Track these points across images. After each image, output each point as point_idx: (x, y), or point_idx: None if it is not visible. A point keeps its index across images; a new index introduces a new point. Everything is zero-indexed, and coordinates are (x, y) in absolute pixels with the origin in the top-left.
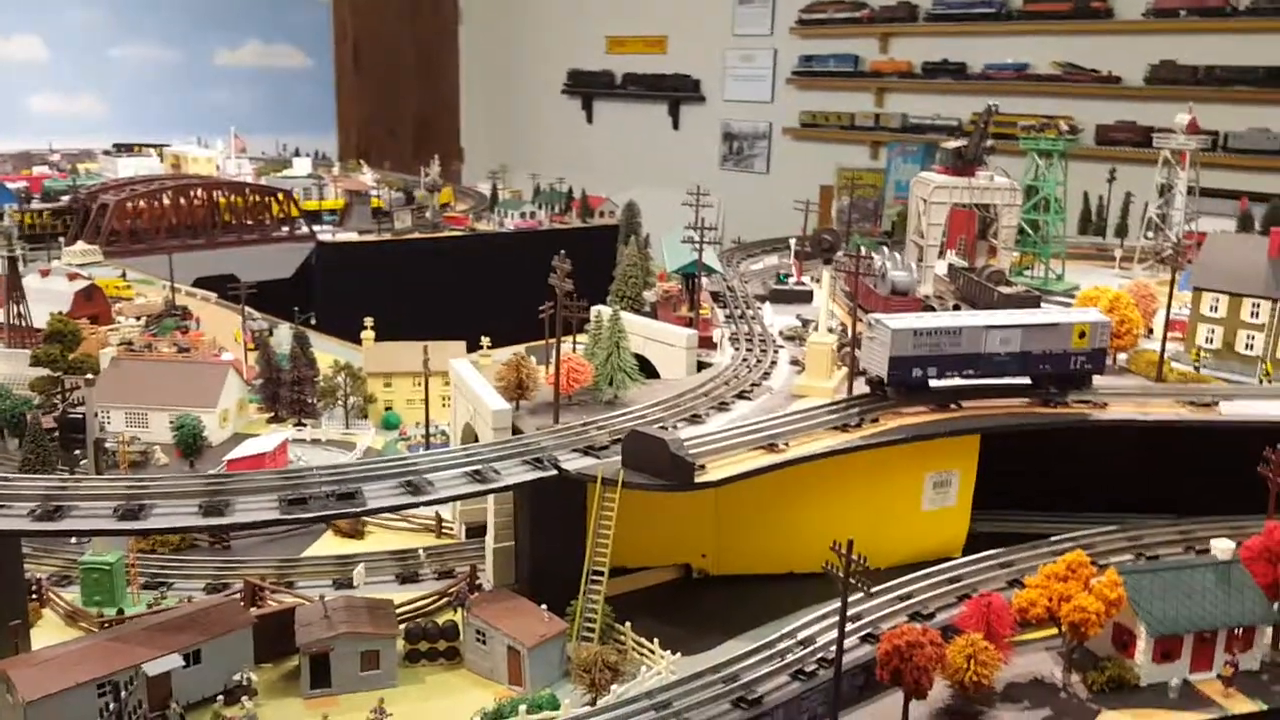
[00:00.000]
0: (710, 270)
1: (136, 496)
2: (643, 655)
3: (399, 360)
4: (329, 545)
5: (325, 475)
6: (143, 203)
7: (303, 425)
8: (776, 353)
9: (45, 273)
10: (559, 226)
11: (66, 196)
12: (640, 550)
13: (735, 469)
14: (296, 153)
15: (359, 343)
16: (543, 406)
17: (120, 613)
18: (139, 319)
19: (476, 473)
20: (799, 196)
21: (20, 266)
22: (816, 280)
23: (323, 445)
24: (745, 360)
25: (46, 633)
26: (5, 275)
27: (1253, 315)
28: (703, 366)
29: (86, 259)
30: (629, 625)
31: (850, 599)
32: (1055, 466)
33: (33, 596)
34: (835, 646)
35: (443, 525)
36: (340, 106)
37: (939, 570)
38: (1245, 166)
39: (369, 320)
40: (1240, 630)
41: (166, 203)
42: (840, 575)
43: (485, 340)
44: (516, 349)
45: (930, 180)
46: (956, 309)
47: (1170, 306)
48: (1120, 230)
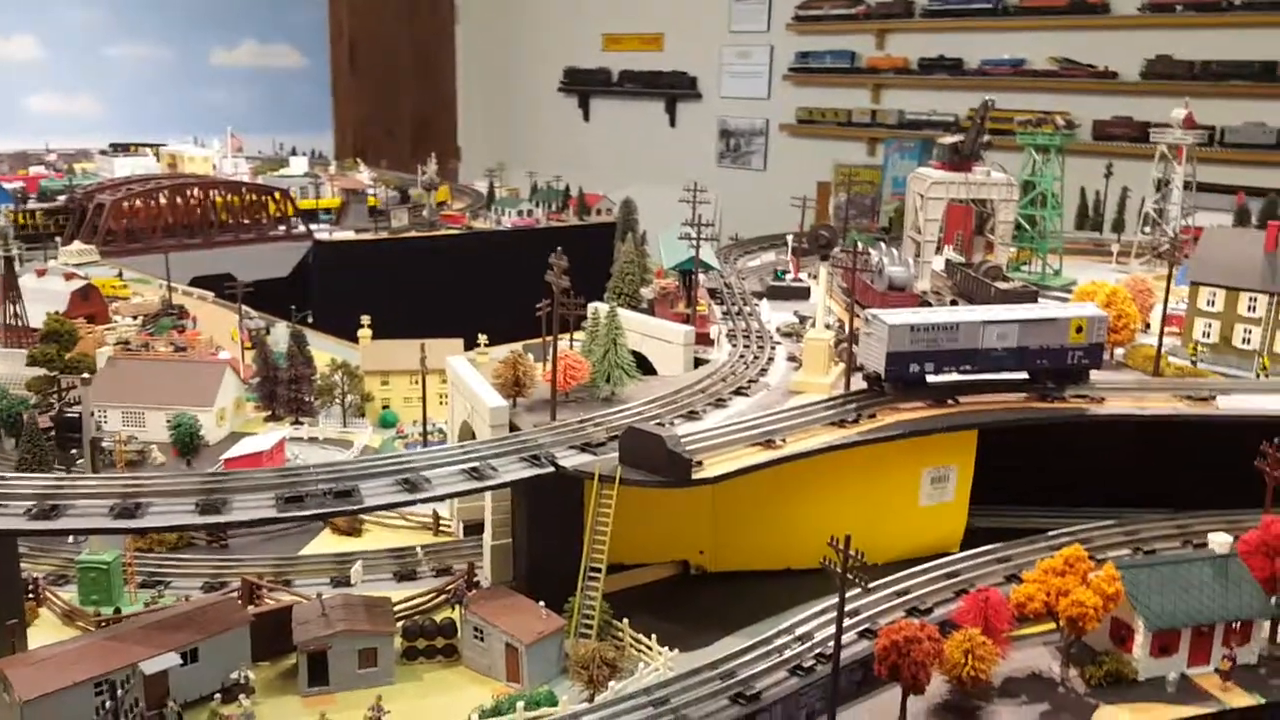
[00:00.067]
0: (707, 267)
1: (133, 495)
2: (640, 652)
3: (396, 358)
4: (326, 543)
5: (322, 473)
6: (139, 202)
7: (300, 424)
8: (774, 349)
9: (42, 272)
10: (556, 224)
11: (63, 196)
12: (638, 547)
13: (732, 465)
14: (293, 152)
15: (356, 341)
16: (540, 404)
17: (117, 612)
18: (136, 318)
19: (474, 470)
20: (796, 193)
21: (16, 266)
22: (814, 277)
23: (320, 444)
24: (742, 357)
25: (43, 632)
26: (1, 275)
27: (1250, 309)
28: (700, 363)
29: (83, 259)
30: (627, 622)
31: (848, 595)
32: (1052, 461)
33: (29, 596)
34: (833, 642)
35: (440, 523)
36: (337, 106)
37: (936, 565)
38: (1242, 161)
39: (366, 318)
40: (1237, 624)
41: (163, 202)
42: (838, 571)
43: (482, 338)
44: (514, 346)
45: (927, 176)
46: (954, 304)
47: (1167, 301)
48: (1117, 225)
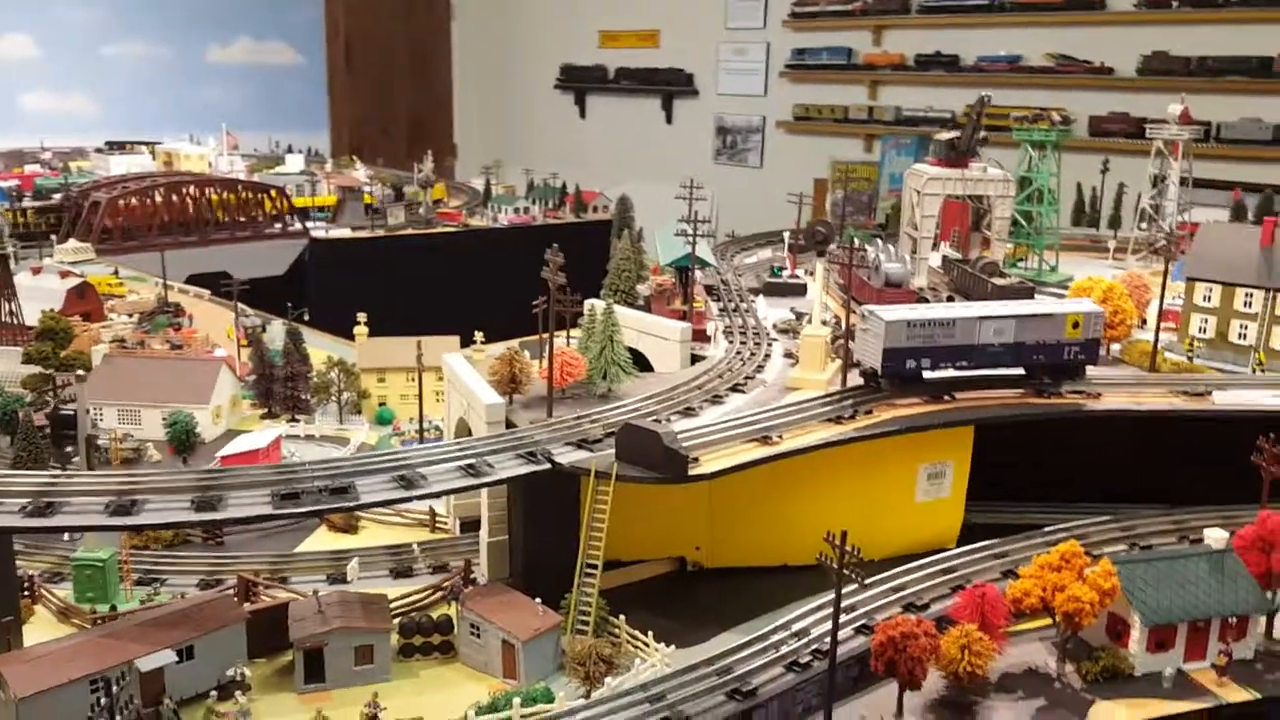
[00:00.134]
0: (704, 263)
1: (128, 492)
2: (637, 648)
3: (392, 356)
4: (323, 540)
5: (318, 470)
6: (135, 200)
7: (296, 421)
8: (770, 345)
9: (37, 270)
10: (552, 222)
11: (59, 194)
12: (634, 543)
13: (729, 461)
14: (289, 150)
15: (352, 339)
16: (536, 400)
17: (113, 609)
18: (131, 316)
19: (470, 467)
20: (793, 190)
21: (12, 264)
22: (810, 273)
23: (316, 441)
24: (739, 353)
25: (39, 629)
26: None
27: (1246, 305)
28: (696, 360)
29: (79, 256)
30: (623, 618)
31: (844, 590)
32: (1049, 457)
33: (25, 593)
34: (830, 638)
35: (437, 520)
36: (333, 104)
37: (933, 561)
38: (1238, 157)
39: (362, 316)
40: (1234, 619)
41: (159, 200)
42: (834, 567)
43: (479, 335)
44: (510, 344)
45: (924, 172)
46: (950, 300)
47: (1163, 297)
48: (1113, 221)
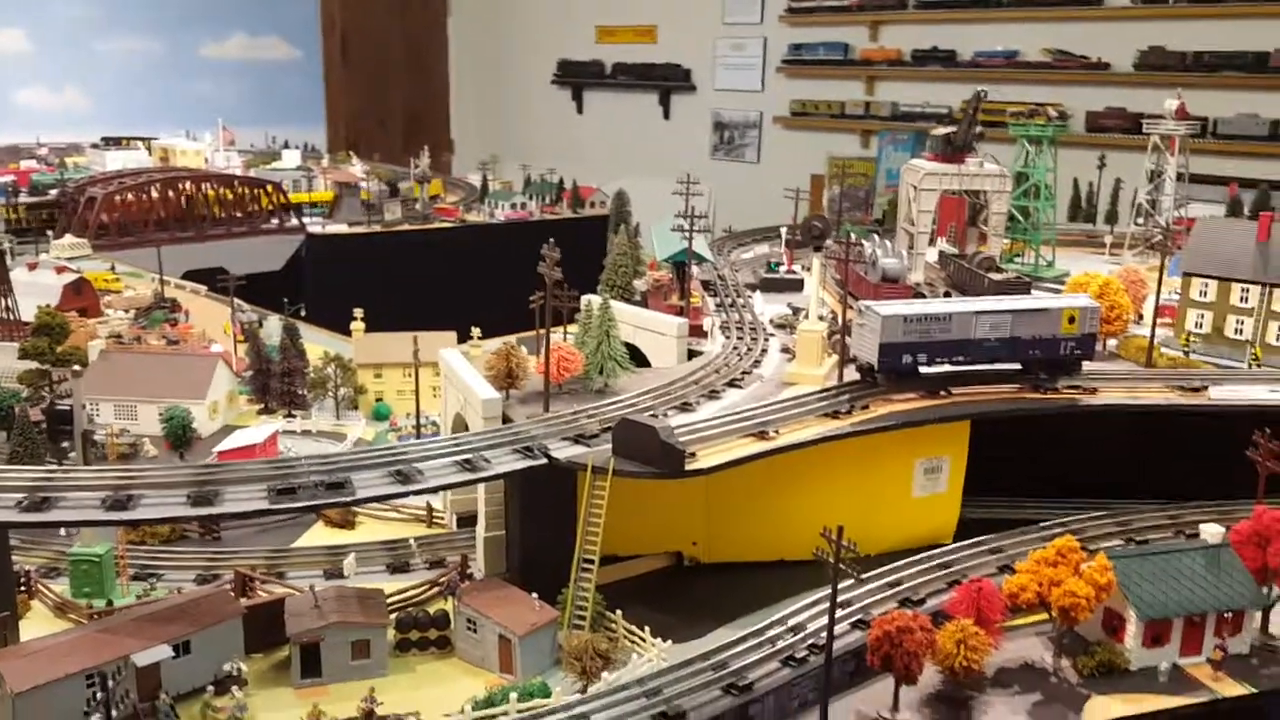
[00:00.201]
0: (701, 259)
1: (125, 487)
2: (634, 643)
3: (389, 351)
4: (319, 535)
5: (314, 465)
6: (131, 196)
7: (293, 416)
8: (767, 341)
9: (33, 266)
10: (549, 217)
11: (54, 190)
12: (631, 538)
13: (726, 456)
14: (285, 145)
15: (349, 334)
16: (533, 396)
17: (109, 604)
18: (128, 312)
19: (466, 462)
20: (790, 185)
21: (8, 260)
22: (807, 268)
23: (313, 436)
24: (736, 348)
25: (35, 624)
26: None
27: (1242, 300)
28: (693, 355)
29: (75, 252)
30: (620, 613)
31: (841, 585)
32: (1045, 452)
33: (21, 588)
34: (826, 633)
35: (433, 515)
36: (329, 99)
37: (929, 556)
38: (1234, 152)
39: (359, 311)
40: (1229, 614)
41: (155, 195)
42: (831, 562)
43: (475, 330)
44: (507, 339)
45: (920, 167)
46: (947, 296)
47: (1160, 292)
48: (1110, 216)
